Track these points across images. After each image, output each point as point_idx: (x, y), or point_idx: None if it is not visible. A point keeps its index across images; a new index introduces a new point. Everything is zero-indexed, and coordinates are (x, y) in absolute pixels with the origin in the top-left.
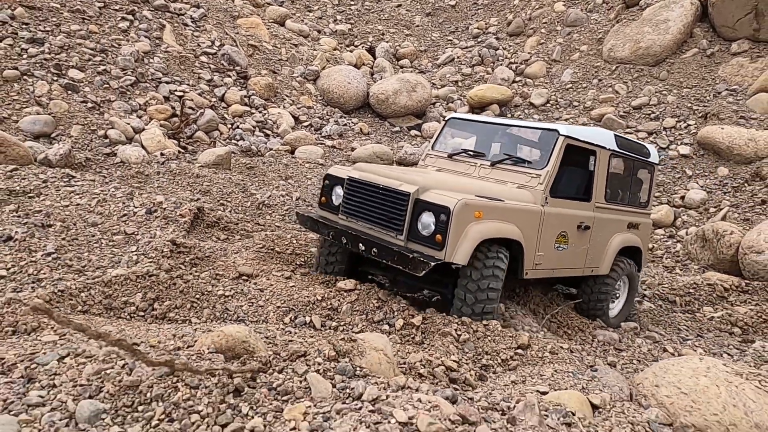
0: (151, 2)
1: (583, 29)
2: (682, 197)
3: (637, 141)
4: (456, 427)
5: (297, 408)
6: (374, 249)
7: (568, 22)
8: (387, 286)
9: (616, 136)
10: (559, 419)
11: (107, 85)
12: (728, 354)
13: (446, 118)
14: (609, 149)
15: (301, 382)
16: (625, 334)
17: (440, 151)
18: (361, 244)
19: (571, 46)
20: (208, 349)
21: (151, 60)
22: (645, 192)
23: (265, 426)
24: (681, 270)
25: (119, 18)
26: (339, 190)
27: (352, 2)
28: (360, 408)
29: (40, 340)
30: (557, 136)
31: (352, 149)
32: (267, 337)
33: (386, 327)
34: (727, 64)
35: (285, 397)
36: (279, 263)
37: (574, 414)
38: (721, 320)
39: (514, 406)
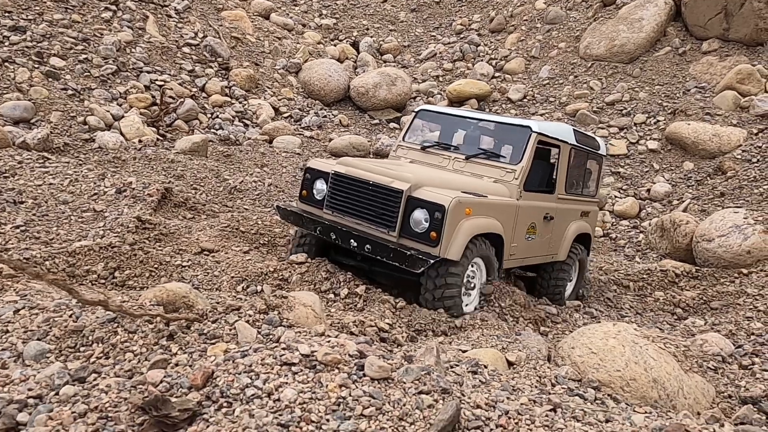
0: None
1: (562, 27)
2: (648, 190)
3: (590, 134)
4: (352, 359)
5: (219, 346)
6: (368, 246)
7: (547, 19)
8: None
9: (574, 130)
10: (467, 368)
11: (88, 74)
12: (660, 329)
13: (416, 110)
14: (570, 144)
15: (230, 329)
16: (566, 309)
17: (411, 143)
18: (353, 240)
19: (550, 43)
20: (149, 302)
21: (133, 50)
22: (594, 182)
23: (188, 361)
24: (640, 258)
25: (102, 8)
26: (320, 184)
27: None
28: (275, 347)
29: (2, 300)
30: (530, 133)
31: (330, 140)
32: (217, 302)
33: (332, 296)
34: (698, 62)
35: (213, 341)
36: (241, 241)
37: (486, 366)
38: (665, 301)
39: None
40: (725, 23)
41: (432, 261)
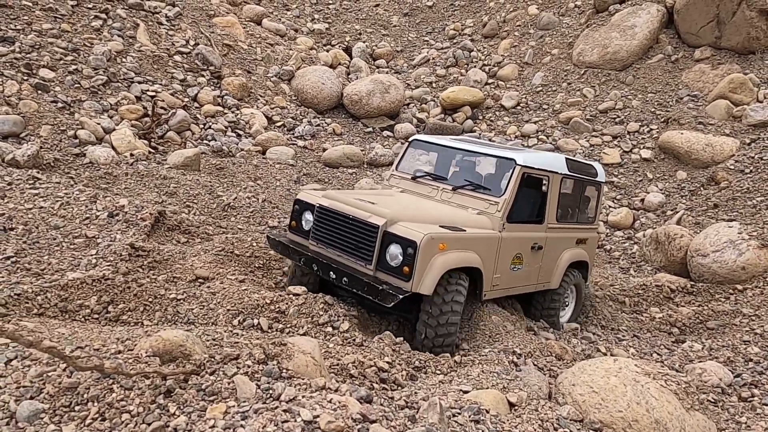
0: (126, 1)
1: (555, 33)
2: (642, 200)
3: (586, 161)
4: (357, 424)
5: (218, 408)
6: (345, 278)
7: (540, 25)
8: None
9: (567, 159)
10: (469, 416)
11: (78, 85)
12: (658, 354)
13: (409, 140)
14: (561, 174)
15: (229, 383)
16: (564, 335)
17: (404, 173)
18: (332, 273)
19: (543, 50)
20: (145, 352)
21: (123, 59)
22: (592, 209)
23: (187, 424)
24: (635, 271)
25: (92, 17)
26: (309, 216)
27: (330, 1)
28: (276, 408)
29: None
30: (514, 166)
31: (324, 150)
32: (214, 339)
33: (330, 329)
34: (690, 70)
35: (212, 398)
36: (237, 266)
37: (488, 412)
38: (661, 321)
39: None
40: (717, 31)
41: (401, 296)
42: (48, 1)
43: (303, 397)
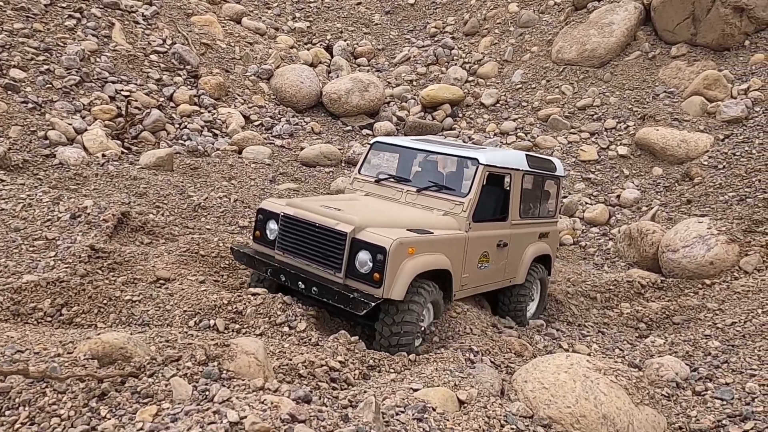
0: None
1: (534, 30)
2: (618, 196)
3: (545, 157)
4: (284, 425)
5: (149, 410)
6: (314, 288)
7: (520, 23)
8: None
9: (526, 155)
10: (413, 414)
11: (50, 85)
12: (620, 349)
13: (371, 142)
14: (522, 170)
15: (166, 385)
16: (528, 331)
17: (367, 175)
18: (300, 283)
19: (523, 47)
20: (84, 355)
21: (97, 59)
22: (552, 203)
23: (115, 427)
24: (609, 267)
25: (66, 16)
26: (273, 225)
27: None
28: (207, 409)
29: None
30: (478, 165)
31: (302, 149)
32: (167, 341)
33: (287, 329)
34: (667, 66)
35: (146, 400)
36: (201, 266)
37: (434, 409)
38: (629, 316)
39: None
40: (693, 28)
41: (373, 303)
42: (20, 1)
43: (237, 398)
